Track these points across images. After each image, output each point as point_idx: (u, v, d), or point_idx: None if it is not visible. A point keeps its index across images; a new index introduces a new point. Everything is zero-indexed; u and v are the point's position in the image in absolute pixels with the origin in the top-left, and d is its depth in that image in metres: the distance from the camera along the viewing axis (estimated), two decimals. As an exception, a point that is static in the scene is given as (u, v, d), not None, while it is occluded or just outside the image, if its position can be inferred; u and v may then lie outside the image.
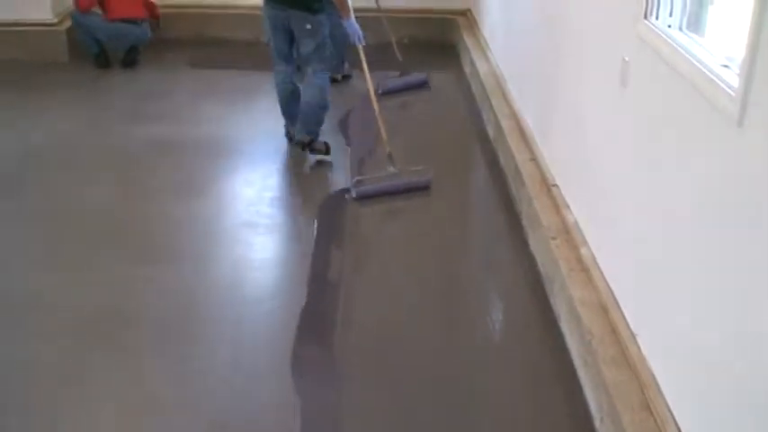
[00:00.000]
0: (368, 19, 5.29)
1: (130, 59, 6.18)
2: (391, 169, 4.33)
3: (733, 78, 2.02)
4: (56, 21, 6.15)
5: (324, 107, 4.67)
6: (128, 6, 6.12)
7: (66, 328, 3.12)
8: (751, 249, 1.88)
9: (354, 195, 4.22)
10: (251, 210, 4.08)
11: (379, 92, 5.36)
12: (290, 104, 4.76)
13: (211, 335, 3.12)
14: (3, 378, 2.86)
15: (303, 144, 4.65)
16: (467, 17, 6.78)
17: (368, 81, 4.68)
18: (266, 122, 5.16)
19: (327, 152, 4.67)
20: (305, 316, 3.21)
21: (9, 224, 3.93)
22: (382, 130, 4.50)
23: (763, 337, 1.82)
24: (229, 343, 3.07)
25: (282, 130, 4.92)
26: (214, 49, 6.56)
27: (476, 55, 5.80)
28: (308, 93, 4.63)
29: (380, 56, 5.37)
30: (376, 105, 4.59)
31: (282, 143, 4.87)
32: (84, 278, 3.46)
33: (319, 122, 4.67)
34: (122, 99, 5.62)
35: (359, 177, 4.34)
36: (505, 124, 4.50)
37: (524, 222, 3.81)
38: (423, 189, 4.28)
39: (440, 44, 6.71)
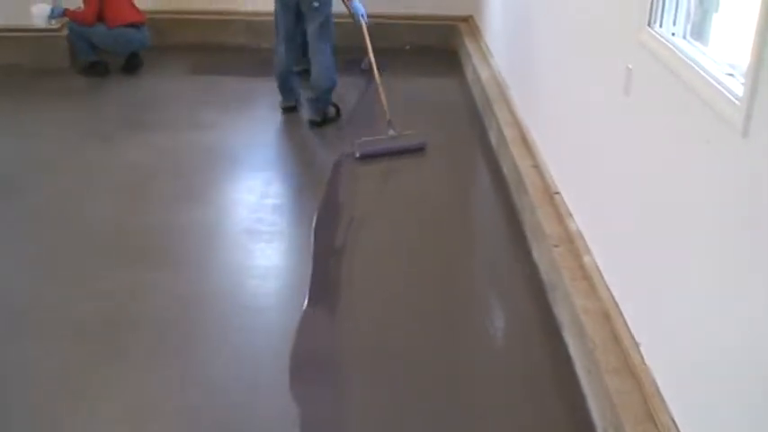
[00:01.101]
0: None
1: (132, 65, 6.17)
2: (391, 132, 4.86)
3: (738, 87, 2.01)
4: (57, 26, 6.14)
5: (331, 87, 5.18)
6: (127, 12, 6.09)
7: (67, 335, 3.11)
8: (755, 260, 1.87)
9: (358, 155, 4.70)
10: (252, 216, 4.07)
11: (362, 67, 6.00)
12: (285, 83, 5.32)
13: (213, 341, 3.11)
14: (4, 384, 2.85)
15: (316, 123, 5.19)
16: (469, 23, 6.78)
17: (370, 55, 5.20)
18: (267, 128, 5.16)
19: (338, 114, 5.31)
20: (306, 322, 3.20)
21: (9, 230, 3.92)
22: (383, 99, 4.98)
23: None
24: (231, 349, 3.06)
25: (280, 135, 5.02)
26: (214, 55, 6.56)
27: (478, 61, 5.79)
28: (316, 77, 5.13)
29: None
30: (378, 78, 5.10)
31: (283, 148, 4.87)
32: (85, 284, 3.45)
33: (328, 101, 5.23)
34: (123, 105, 5.62)
35: (363, 139, 4.77)
36: (508, 131, 4.50)
37: (527, 230, 3.80)
38: (418, 150, 4.81)
39: (442, 50, 6.70)
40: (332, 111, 5.33)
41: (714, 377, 2.10)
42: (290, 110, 5.40)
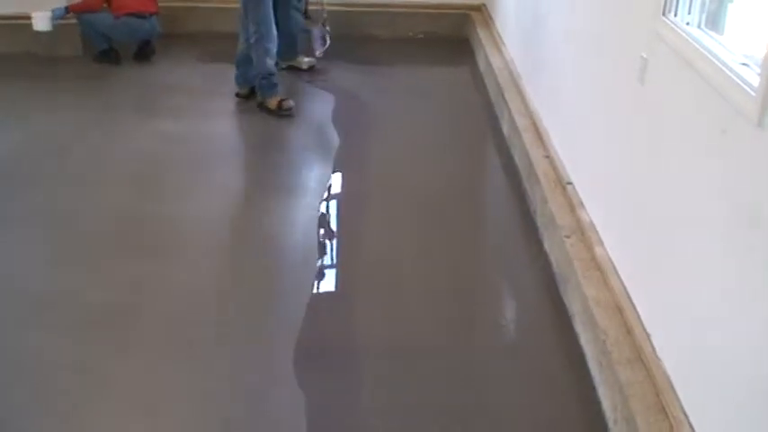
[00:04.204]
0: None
1: (145, 53, 6.17)
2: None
3: (753, 77, 1.99)
4: (70, 14, 6.13)
5: (264, 75, 5.13)
6: (134, 1, 6.07)
7: (77, 325, 3.11)
8: (770, 252, 1.86)
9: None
10: (265, 203, 4.07)
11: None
12: (238, 68, 5.34)
13: (224, 331, 3.11)
14: (14, 375, 2.85)
15: (259, 103, 5.21)
16: (481, 12, 6.75)
17: None
18: (277, 117, 5.14)
19: (280, 108, 5.11)
20: (314, 314, 3.20)
21: (19, 217, 3.92)
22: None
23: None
24: (242, 339, 3.06)
25: (290, 124, 5.04)
26: (225, 43, 6.49)
27: (490, 50, 5.76)
28: (254, 62, 5.14)
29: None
30: None
31: (293, 137, 4.87)
32: (96, 274, 3.45)
33: (267, 86, 5.15)
34: (134, 94, 5.61)
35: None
36: (520, 120, 4.47)
37: (538, 220, 3.78)
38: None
39: (454, 39, 6.68)
40: (273, 101, 5.13)
41: (727, 369, 2.09)
42: (241, 97, 5.37)
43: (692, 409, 2.28)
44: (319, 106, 5.42)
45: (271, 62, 5.15)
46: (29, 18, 5.98)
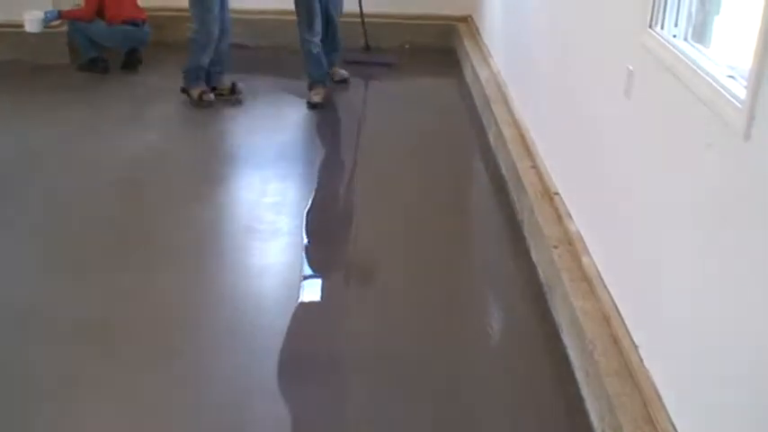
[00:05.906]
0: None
1: (132, 62, 6.16)
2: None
3: (739, 90, 2.00)
4: (57, 22, 6.12)
5: (194, 67, 5.39)
6: (127, 9, 6.08)
7: (65, 336, 3.09)
8: (756, 262, 1.87)
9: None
10: (251, 215, 4.06)
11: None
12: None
13: (209, 341, 3.10)
14: (1, 384, 2.83)
15: (182, 89, 5.50)
16: (468, 23, 6.77)
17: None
18: (264, 125, 5.14)
19: (200, 99, 5.38)
20: (300, 322, 3.20)
21: (7, 227, 3.89)
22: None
23: (769, 352, 1.80)
24: (229, 351, 3.05)
25: (277, 131, 5.10)
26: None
27: (476, 61, 5.79)
28: (188, 53, 5.42)
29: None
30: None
31: (277, 148, 4.88)
32: (83, 285, 3.43)
33: (193, 78, 5.42)
34: (122, 102, 5.60)
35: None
36: (506, 131, 4.49)
37: (525, 231, 3.79)
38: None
39: (441, 50, 6.70)
40: (195, 92, 5.42)
41: (714, 380, 2.09)
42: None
43: (679, 420, 2.28)
44: (304, 117, 5.42)
45: (202, 56, 5.33)
46: (15, 26, 5.96)
